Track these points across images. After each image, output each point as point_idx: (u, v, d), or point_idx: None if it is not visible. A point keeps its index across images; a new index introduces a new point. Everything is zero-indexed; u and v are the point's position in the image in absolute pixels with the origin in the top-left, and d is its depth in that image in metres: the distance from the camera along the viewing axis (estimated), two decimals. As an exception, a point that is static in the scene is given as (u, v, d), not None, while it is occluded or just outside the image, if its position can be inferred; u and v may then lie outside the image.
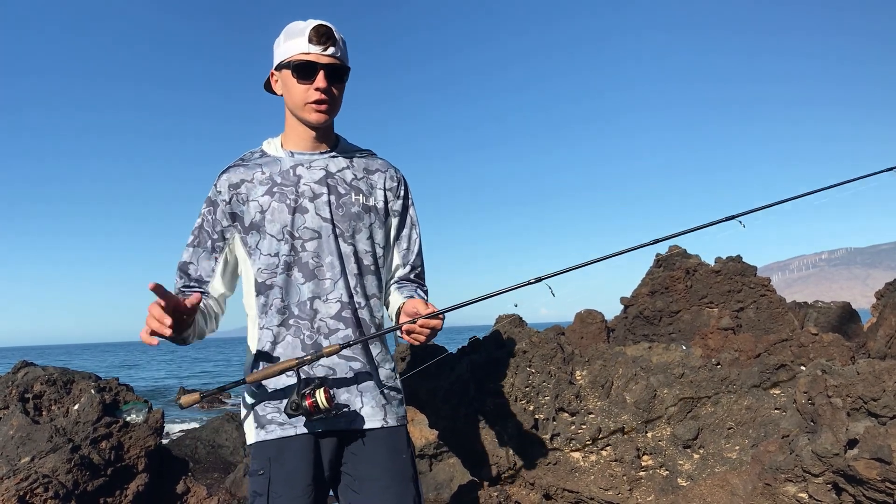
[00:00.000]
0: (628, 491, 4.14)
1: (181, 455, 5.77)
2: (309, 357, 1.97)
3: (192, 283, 2.19)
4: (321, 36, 2.05)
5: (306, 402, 1.93)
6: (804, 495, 3.15)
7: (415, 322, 1.98)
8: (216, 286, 2.21)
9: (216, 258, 2.19)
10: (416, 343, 2.02)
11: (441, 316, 1.99)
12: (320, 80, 2.07)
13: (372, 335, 2.10)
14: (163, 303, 1.78)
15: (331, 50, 2.07)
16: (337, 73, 2.11)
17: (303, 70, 2.08)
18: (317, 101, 2.10)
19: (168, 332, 1.78)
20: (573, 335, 10.29)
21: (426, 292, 2.36)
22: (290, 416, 1.97)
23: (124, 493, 4.18)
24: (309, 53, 2.06)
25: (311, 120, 2.14)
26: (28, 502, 3.59)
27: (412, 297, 2.19)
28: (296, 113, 2.17)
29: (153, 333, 1.79)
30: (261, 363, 2.12)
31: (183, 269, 2.19)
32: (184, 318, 1.86)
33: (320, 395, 1.93)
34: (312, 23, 2.07)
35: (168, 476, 4.51)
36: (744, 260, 9.67)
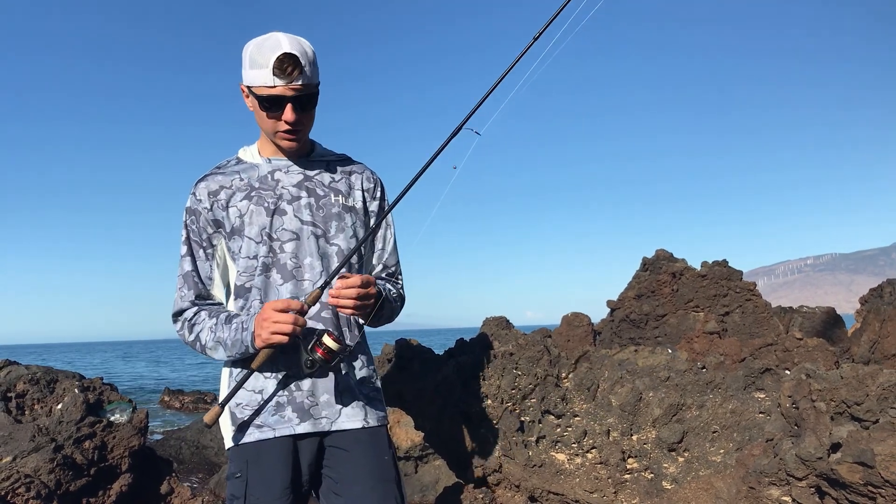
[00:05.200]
0: (613, 493, 4.15)
1: (166, 455, 5.74)
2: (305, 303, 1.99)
3: (199, 293, 2.17)
4: (286, 68, 1.98)
5: (318, 354, 1.94)
6: (788, 499, 3.17)
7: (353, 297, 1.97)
8: (217, 294, 2.21)
9: (211, 265, 2.18)
10: (351, 311, 1.97)
11: (363, 280, 1.97)
12: (288, 114, 2.03)
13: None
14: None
15: (297, 81, 2.00)
16: (306, 102, 2.06)
17: (270, 104, 2.03)
18: (286, 131, 2.09)
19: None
20: (560, 338, 10.32)
21: (400, 289, 2.35)
22: (309, 375, 1.99)
23: (107, 494, 4.14)
24: (275, 87, 2.00)
25: (283, 146, 2.15)
26: (9, 502, 3.56)
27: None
28: (267, 137, 2.17)
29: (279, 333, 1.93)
30: (240, 365, 2.11)
31: (184, 281, 2.17)
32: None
33: (328, 341, 1.93)
34: (277, 51, 1.98)
35: (152, 476, 4.48)
36: (730, 264, 9.74)
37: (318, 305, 2.11)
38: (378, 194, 2.33)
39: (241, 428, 2.07)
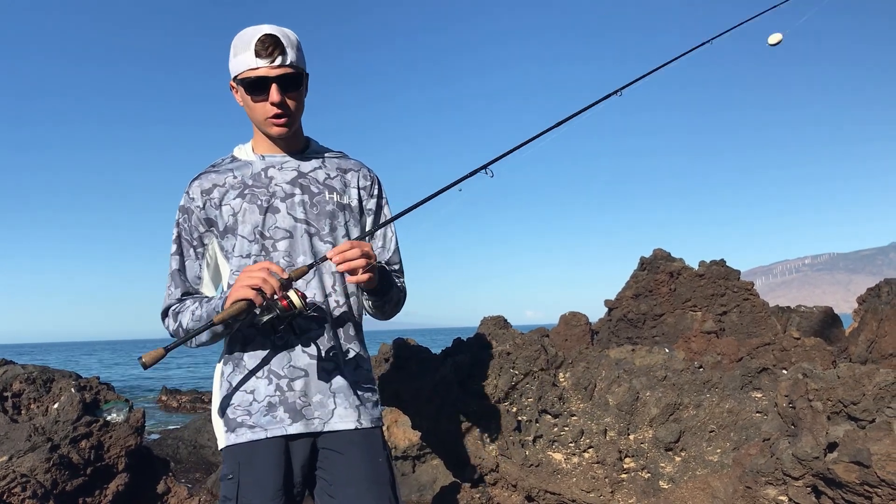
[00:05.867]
0: (610, 493, 4.15)
1: (163, 455, 5.73)
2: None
3: (186, 291, 2.16)
4: (267, 48, 1.98)
5: (280, 304, 1.86)
6: (784, 498, 3.17)
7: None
8: (206, 293, 2.20)
9: (200, 265, 2.17)
10: (363, 272, 1.89)
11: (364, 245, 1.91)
12: (274, 95, 2.02)
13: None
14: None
15: (279, 60, 2.00)
16: (290, 83, 2.04)
17: (254, 87, 2.02)
18: (274, 116, 2.07)
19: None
20: (557, 337, 10.32)
21: (403, 283, 2.34)
22: (261, 322, 1.88)
23: (104, 493, 4.14)
24: (257, 69, 2.00)
25: (273, 133, 2.12)
26: (5, 502, 3.55)
27: None
28: (257, 126, 2.15)
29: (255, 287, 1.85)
30: (231, 365, 2.10)
31: (173, 279, 2.16)
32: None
33: (294, 295, 1.87)
34: (258, 33, 2.00)
35: (149, 476, 4.47)
36: (727, 264, 9.75)
37: (315, 298, 2.10)
38: (375, 192, 2.30)
39: (234, 428, 2.05)
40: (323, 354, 2.08)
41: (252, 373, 2.06)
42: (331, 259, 1.90)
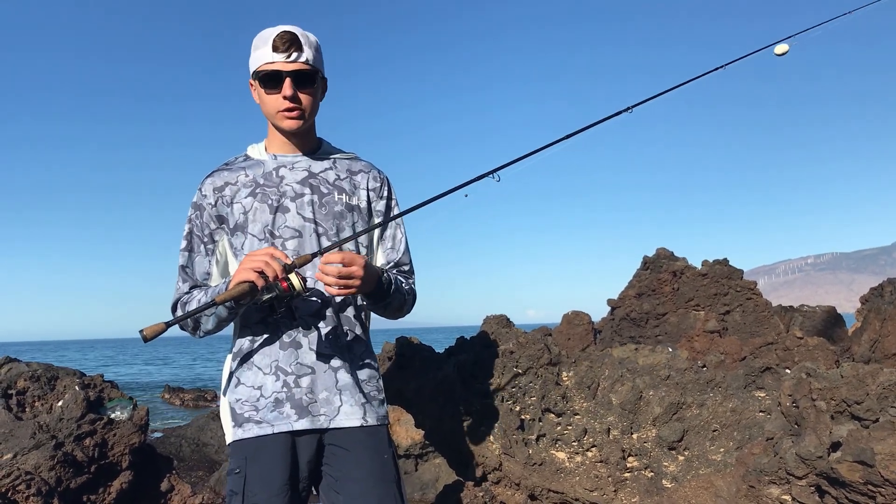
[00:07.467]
0: (613, 492, 4.15)
1: (166, 453, 5.74)
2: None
3: (194, 286, 2.19)
4: (284, 43, 2.05)
5: (280, 285, 1.90)
6: (787, 497, 3.17)
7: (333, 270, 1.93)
8: None
9: (209, 261, 2.20)
10: (336, 290, 1.94)
11: (344, 253, 1.94)
12: (286, 89, 2.08)
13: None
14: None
15: (295, 56, 2.07)
16: (304, 80, 2.10)
17: (268, 80, 2.09)
18: (286, 109, 2.11)
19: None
20: (560, 336, 10.32)
21: (411, 285, 2.35)
22: (260, 302, 1.93)
23: (108, 491, 4.15)
24: (273, 62, 2.07)
25: (284, 127, 2.16)
26: (10, 499, 3.56)
27: None
28: (270, 121, 2.19)
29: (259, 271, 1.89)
30: (239, 361, 2.13)
31: (182, 274, 2.20)
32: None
33: (294, 278, 1.91)
34: (277, 30, 2.07)
35: (152, 474, 4.47)
36: (730, 263, 9.74)
37: (319, 303, 2.11)
38: (385, 193, 2.32)
39: (241, 424, 2.08)
40: (330, 352, 2.11)
41: (260, 369, 2.09)
42: (322, 260, 1.94)
